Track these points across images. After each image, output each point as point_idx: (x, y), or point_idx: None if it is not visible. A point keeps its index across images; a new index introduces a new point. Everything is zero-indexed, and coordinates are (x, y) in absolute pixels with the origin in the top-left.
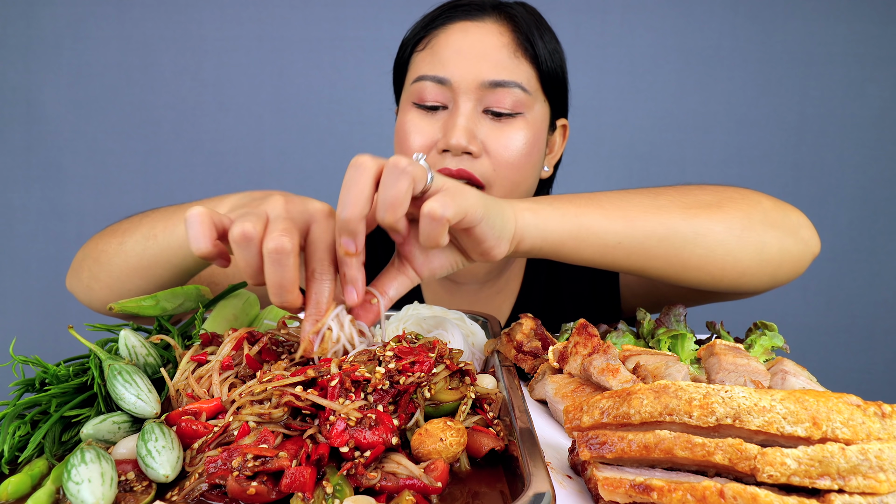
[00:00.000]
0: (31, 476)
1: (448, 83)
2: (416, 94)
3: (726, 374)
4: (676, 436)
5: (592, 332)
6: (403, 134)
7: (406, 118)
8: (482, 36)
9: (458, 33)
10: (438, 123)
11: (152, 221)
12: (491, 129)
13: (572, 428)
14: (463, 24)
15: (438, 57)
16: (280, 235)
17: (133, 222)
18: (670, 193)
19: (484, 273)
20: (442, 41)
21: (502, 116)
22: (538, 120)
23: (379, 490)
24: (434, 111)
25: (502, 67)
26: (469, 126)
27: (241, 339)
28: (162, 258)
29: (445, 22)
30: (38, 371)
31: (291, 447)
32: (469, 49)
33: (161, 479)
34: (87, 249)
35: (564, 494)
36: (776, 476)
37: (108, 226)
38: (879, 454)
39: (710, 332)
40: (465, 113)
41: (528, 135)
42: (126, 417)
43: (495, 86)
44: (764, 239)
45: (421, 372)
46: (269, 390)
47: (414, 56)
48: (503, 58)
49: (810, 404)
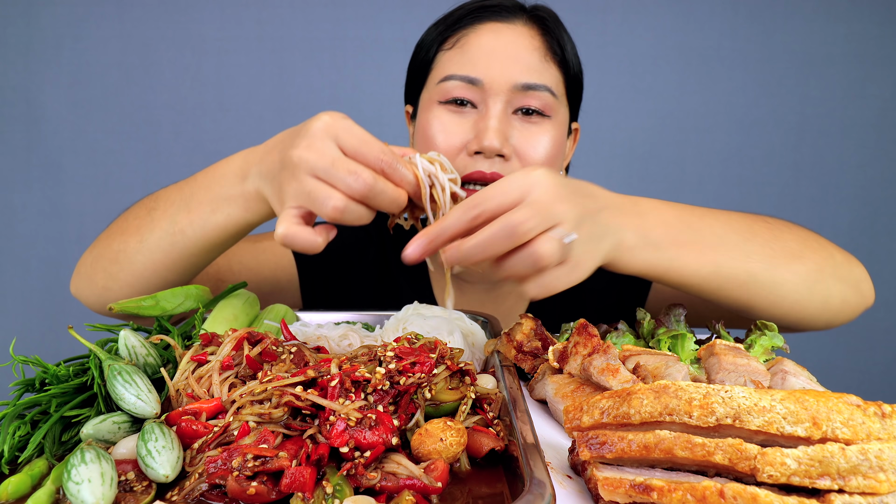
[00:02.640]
0: (31, 476)
1: (479, 83)
2: (443, 92)
3: (726, 374)
4: (676, 436)
5: (592, 332)
6: (430, 132)
7: (432, 116)
8: (514, 38)
9: (489, 34)
10: (468, 124)
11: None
12: (521, 131)
13: (572, 428)
14: (493, 24)
15: (469, 56)
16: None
17: (143, 216)
18: (762, 236)
19: None
20: (472, 41)
21: (532, 119)
22: (562, 124)
23: (379, 490)
24: (462, 110)
25: (533, 70)
26: (501, 128)
27: (241, 340)
28: (195, 249)
29: (474, 21)
30: (38, 371)
31: (291, 447)
32: (502, 50)
33: (161, 479)
34: (97, 251)
35: (564, 494)
36: (776, 476)
37: (111, 224)
38: (879, 454)
39: (710, 332)
40: (497, 115)
41: (555, 138)
42: (126, 417)
43: (526, 88)
44: (831, 292)
45: (421, 373)
46: (270, 390)
47: (440, 55)
48: (534, 61)
49: (810, 404)
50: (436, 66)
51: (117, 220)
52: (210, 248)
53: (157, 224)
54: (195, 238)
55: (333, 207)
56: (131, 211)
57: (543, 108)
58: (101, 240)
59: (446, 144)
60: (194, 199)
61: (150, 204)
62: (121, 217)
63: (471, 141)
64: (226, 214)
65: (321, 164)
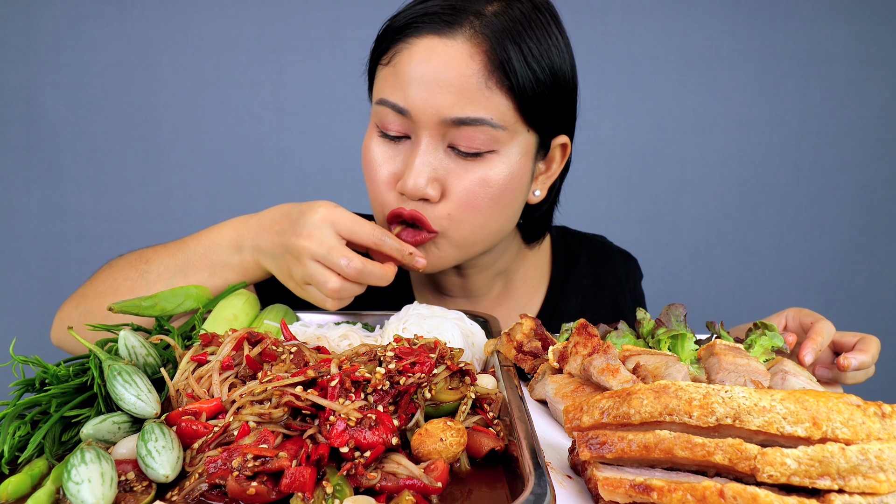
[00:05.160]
0: (31, 476)
1: (408, 114)
2: (378, 117)
3: (726, 374)
4: (676, 436)
5: (592, 332)
6: (368, 164)
7: (370, 145)
8: (449, 60)
9: (422, 53)
10: (400, 157)
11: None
12: (455, 168)
13: (572, 428)
14: (430, 39)
15: (400, 79)
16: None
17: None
18: None
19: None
20: (405, 59)
21: (467, 157)
22: (516, 153)
23: (379, 490)
24: (397, 141)
25: (468, 101)
26: (426, 169)
27: (241, 340)
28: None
29: (412, 34)
30: (38, 371)
31: (291, 447)
32: (431, 76)
33: (161, 479)
34: (85, 307)
35: (564, 494)
36: (776, 476)
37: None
38: (879, 454)
39: (710, 332)
40: (424, 151)
41: (500, 173)
42: (126, 417)
43: (459, 123)
44: None
45: (421, 373)
46: (270, 390)
47: (379, 69)
48: (471, 89)
49: (810, 404)
50: (376, 82)
51: (102, 277)
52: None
53: (152, 287)
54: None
55: (332, 289)
56: (119, 272)
57: (484, 144)
58: (89, 297)
59: (378, 180)
60: (190, 266)
61: (141, 267)
62: (107, 275)
63: (398, 177)
64: (224, 279)
65: (321, 251)
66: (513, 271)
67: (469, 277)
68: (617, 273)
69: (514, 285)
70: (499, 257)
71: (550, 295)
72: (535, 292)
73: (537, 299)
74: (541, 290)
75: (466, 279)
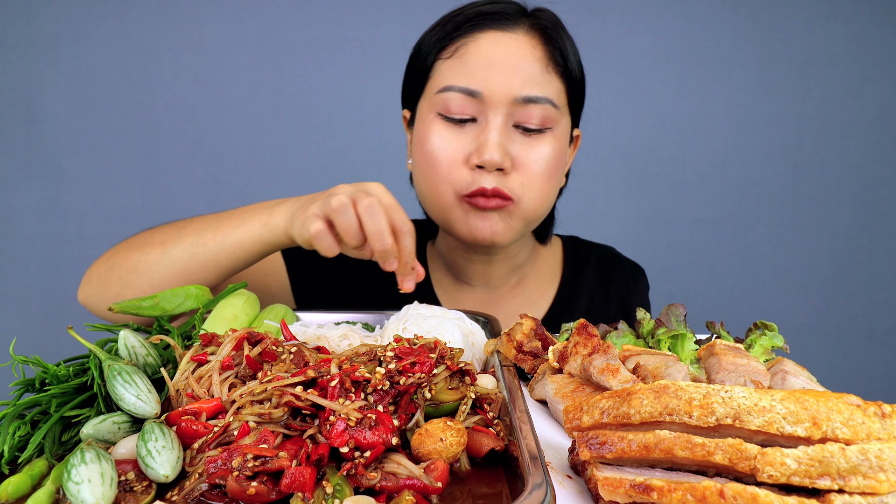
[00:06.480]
0: (31, 476)
1: (479, 96)
2: (442, 103)
3: (726, 374)
4: (676, 436)
5: (592, 332)
6: (430, 147)
7: (432, 130)
8: (515, 48)
9: (489, 43)
10: (467, 137)
11: (196, 230)
12: (521, 144)
13: (572, 428)
14: (494, 33)
15: (468, 67)
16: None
17: (171, 233)
18: None
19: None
20: (472, 50)
21: (532, 132)
22: (563, 134)
23: (379, 490)
24: (462, 124)
25: (535, 82)
26: (502, 142)
27: (241, 340)
28: (211, 262)
29: (474, 30)
30: (38, 371)
31: (291, 447)
32: (502, 61)
33: (161, 479)
34: (113, 262)
35: (564, 494)
36: (776, 476)
37: (130, 239)
38: (879, 454)
39: (710, 332)
40: (497, 128)
41: (556, 149)
42: (126, 417)
43: (527, 101)
44: None
45: (421, 373)
46: (270, 390)
47: (438, 63)
48: (535, 72)
49: (810, 404)
50: (434, 75)
51: (139, 235)
52: (225, 262)
53: (183, 239)
54: (215, 250)
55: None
56: (158, 229)
57: (544, 122)
58: (120, 251)
59: (447, 160)
60: (225, 220)
61: (181, 224)
62: (144, 233)
63: (472, 153)
64: (246, 229)
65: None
66: (528, 266)
67: (493, 265)
68: (625, 278)
69: (528, 280)
70: (521, 249)
71: (561, 293)
72: (546, 288)
73: (549, 295)
74: (552, 288)
75: (490, 267)
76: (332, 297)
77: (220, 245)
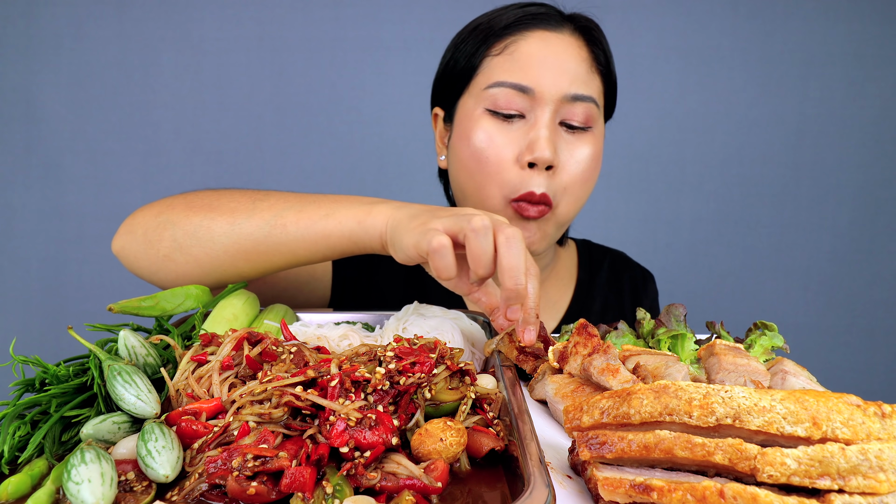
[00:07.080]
0: (31, 476)
1: (530, 92)
2: (490, 99)
3: (726, 374)
4: (676, 436)
5: (592, 332)
6: (478, 144)
7: (480, 126)
8: (564, 47)
9: (539, 42)
10: (516, 134)
11: (275, 208)
12: (566, 143)
13: (572, 428)
14: (543, 32)
15: (519, 64)
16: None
17: (243, 201)
18: None
19: None
20: (523, 48)
21: (575, 132)
22: (601, 134)
23: (379, 490)
24: (510, 120)
25: (581, 81)
26: (552, 138)
27: (241, 340)
28: (285, 247)
29: (523, 29)
30: (38, 371)
31: (291, 447)
32: (552, 59)
33: (161, 479)
34: (167, 217)
35: (564, 494)
36: (776, 476)
37: (189, 195)
38: (879, 454)
39: (710, 332)
40: (547, 124)
41: (596, 149)
42: (126, 417)
43: (574, 99)
44: None
45: (421, 373)
46: (270, 390)
47: (487, 60)
48: (582, 71)
49: (810, 404)
50: (481, 72)
51: (200, 194)
52: (301, 252)
53: (258, 213)
54: (295, 236)
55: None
56: (224, 192)
57: (587, 120)
58: (177, 207)
59: (497, 157)
60: (311, 204)
61: (255, 195)
62: (206, 193)
63: (522, 152)
64: (336, 221)
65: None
66: (549, 268)
67: None
68: (636, 282)
69: (549, 282)
70: (547, 252)
71: (577, 295)
72: (564, 290)
73: (566, 297)
74: (569, 290)
75: None
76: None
77: (301, 231)
